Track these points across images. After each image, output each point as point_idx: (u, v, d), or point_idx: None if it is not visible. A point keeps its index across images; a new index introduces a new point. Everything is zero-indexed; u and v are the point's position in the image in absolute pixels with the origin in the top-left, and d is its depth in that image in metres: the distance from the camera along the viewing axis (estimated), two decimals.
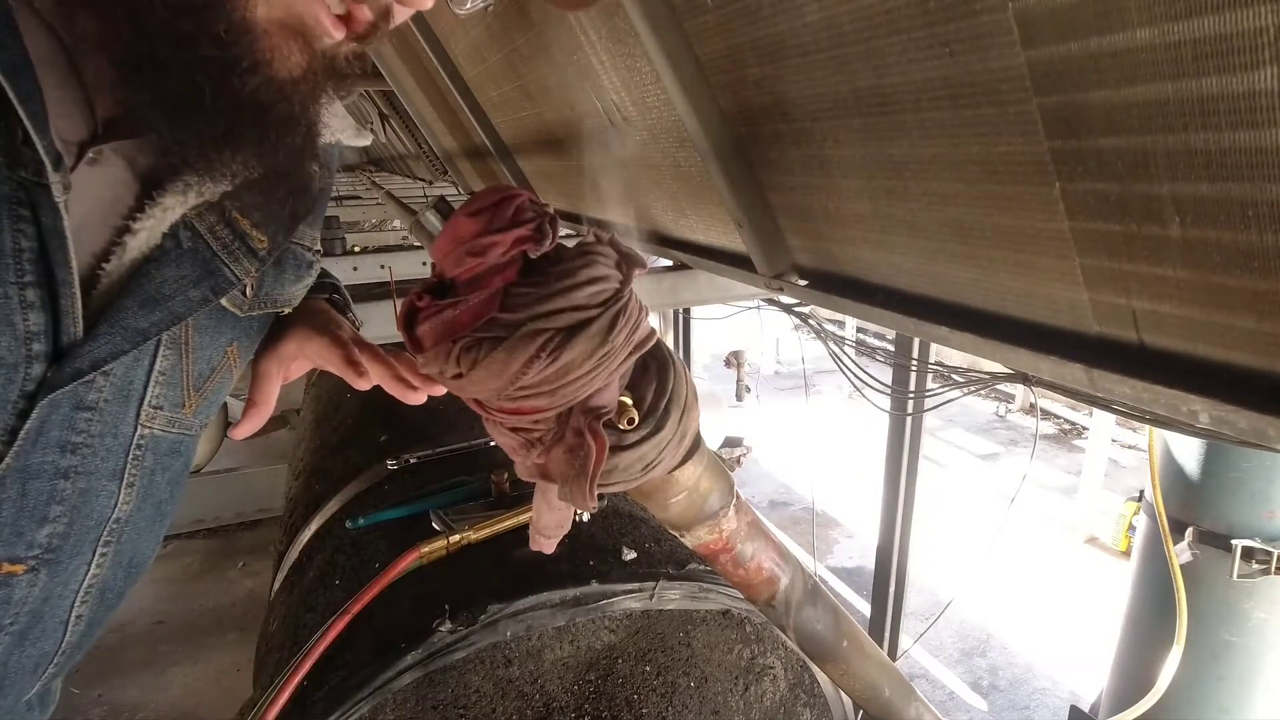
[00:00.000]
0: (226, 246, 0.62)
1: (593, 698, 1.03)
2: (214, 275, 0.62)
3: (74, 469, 0.58)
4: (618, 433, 0.55)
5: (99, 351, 0.55)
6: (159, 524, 0.71)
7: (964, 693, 3.85)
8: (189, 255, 0.60)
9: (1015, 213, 0.67)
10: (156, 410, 0.63)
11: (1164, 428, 1.84)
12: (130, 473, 0.63)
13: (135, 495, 0.64)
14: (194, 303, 0.60)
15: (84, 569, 0.63)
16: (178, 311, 0.59)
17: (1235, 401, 0.53)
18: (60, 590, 0.62)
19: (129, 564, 0.69)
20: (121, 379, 0.59)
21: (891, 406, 2.79)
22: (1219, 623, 1.89)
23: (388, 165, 8.91)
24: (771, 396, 8.04)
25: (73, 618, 0.64)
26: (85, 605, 0.65)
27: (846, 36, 0.72)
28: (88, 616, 0.66)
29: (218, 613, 3.75)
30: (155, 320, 0.58)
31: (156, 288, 0.58)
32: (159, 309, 0.58)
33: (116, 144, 0.55)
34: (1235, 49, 0.42)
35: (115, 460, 0.61)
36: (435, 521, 1.25)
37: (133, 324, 0.56)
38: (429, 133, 3.42)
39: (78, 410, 0.56)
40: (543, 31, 1.40)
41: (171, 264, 0.59)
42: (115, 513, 0.63)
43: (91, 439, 0.58)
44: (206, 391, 0.68)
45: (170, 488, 0.70)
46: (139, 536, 0.68)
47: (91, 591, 0.65)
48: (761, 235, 1.15)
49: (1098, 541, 5.31)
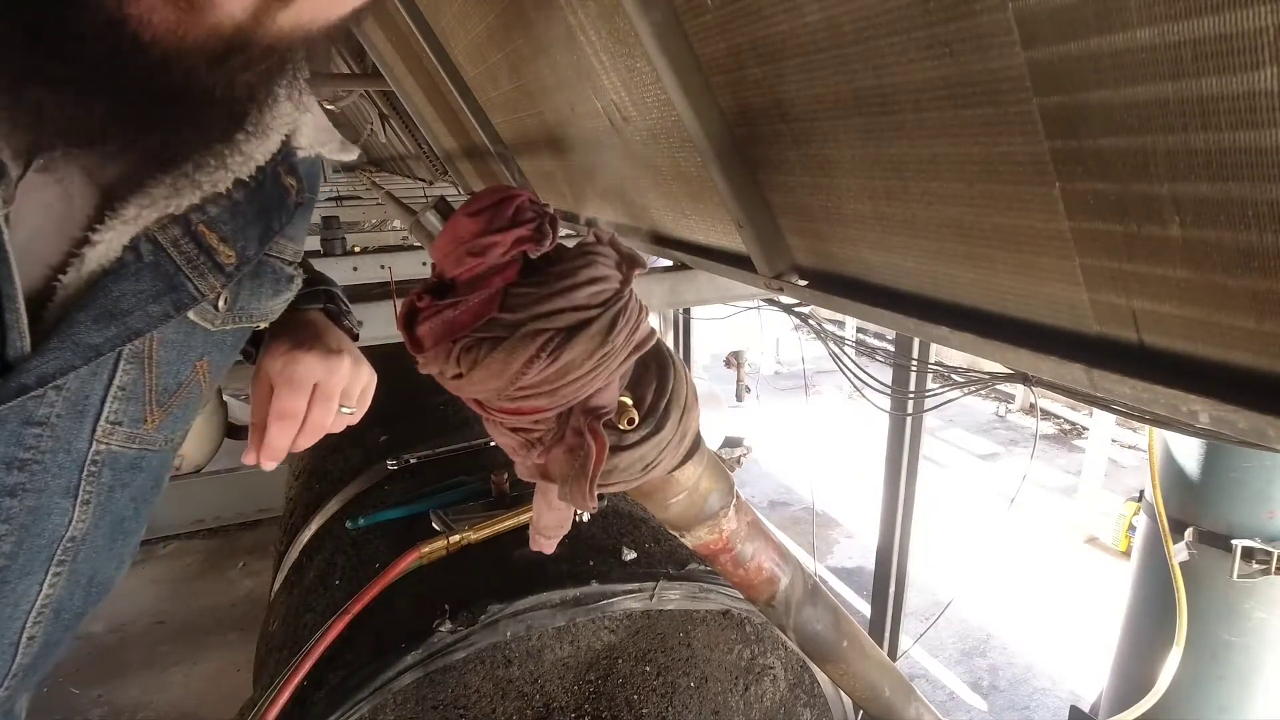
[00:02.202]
0: (191, 261, 0.60)
1: (593, 698, 1.03)
2: (176, 290, 0.59)
3: (21, 486, 0.55)
4: (618, 433, 0.55)
5: (46, 367, 0.52)
6: (121, 542, 0.68)
7: (964, 693, 3.85)
8: (149, 269, 0.57)
9: (1015, 213, 0.67)
10: (114, 425, 0.60)
11: (1164, 428, 1.84)
12: (85, 490, 0.60)
13: (91, 513, 0.61)
14: (153, 318, 0.58)
15: (35, 589, 0.60)
16: (135, 327, 0.57)
17: (1235, 401, 0.53)
18: (10, 611, 0.59)
19: (89, 583, 0.66)
20: (76, 393, 0.56)
21: (891, 406, 2.79)
22: (1219, 623, 1.89)
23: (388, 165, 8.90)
24: (771, 396, 8.04)
25: (23, 639, 0.61)
26: (38, 626, 0.62)
27: (846, 36, 0.72)
28: (41, 638, 0.63)
29: (218, 613, 3.75)
30: (110, 335, 0.55)
31: (113, 302, 0.55)
32: (115, 323, 0.55)
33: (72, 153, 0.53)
34: (1235, 49, 0.42)
35: (68, 477, 0.58)
36: (435, 522, 1.25)
37: (85, 339, 0.54)
38: (429, 133, 3.42)
39: (26, 425, 0.54)
40: (543, 32, 1.40)
41: (130, 278, 0.56)
42: (70, 531, 0.60)
43: (41, 455, 0.56)
44: (171, 406, 0.65)
45: (134, 504, 0.67)
46: (97, 555, 0.65)
47: (45, 612, 0.62)
48: (761, 235, 1.15)
49: (1098, 541, 5.30)
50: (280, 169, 0.69)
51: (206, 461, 4.10)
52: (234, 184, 0.62)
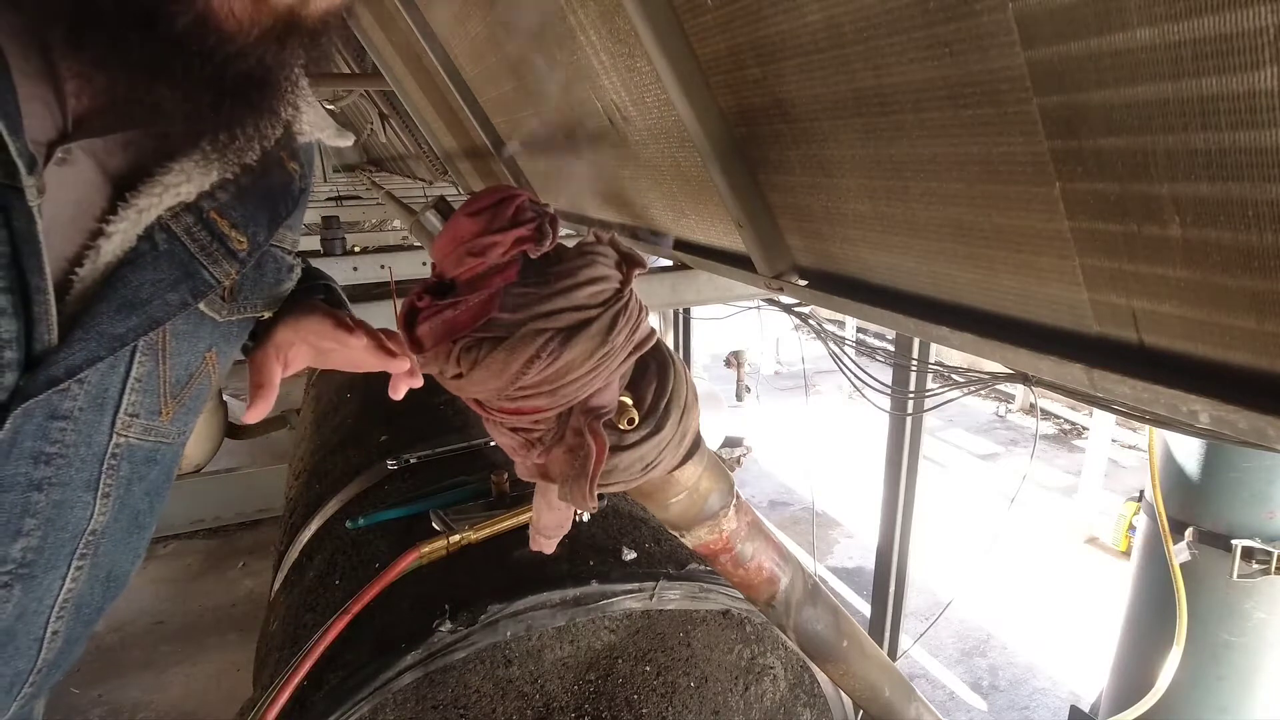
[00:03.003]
0: (205, 248, 0.60)
1: (593, 698, 1.03)
2: (192, 278, 0.60)
3: (48, 480, 0.56)
4: (618, 433, 0.55)
5: (74, 359, 0.53)
6: (137, 536, 0.69)
7: (964, 693, 3.85)
8: (166, 258, 0.58)
9: (1015, 212, 0.67)
10: (132, 418, 0.61)
11: (1164, 428, 1.84)
12: (105, 483, 0.61)
13: (111, 506, 0.62)
14: (173, 306, 0.59)
15: (59, 583, 0.61)
16: (156, 316, 0.58)
17: (1235, 401, 0.53)
18: (35, 606, 0.60)
19: (107, 578, 0.67)
20: (97, 386, 0.57)
21: (891, 406, 2.79)
22: (1219, 623, 1.89)
23: (388, 165, 8.91)
24: (771, 396, 8.04)
25: (48, 634, 0.62)
26: (61, 621, 0.63)
27: (846, 36, 0.72)
28: (64, 633, 0.64)
29: (218, 613, 3.74)
30: (133, 325, 0.56)
31: (133, 292, 0.56)
32: (136, 313, 0.56)
33: (86, 143, 0.53)
34: (1235, 49, 0.42)
35: (90, 470, 0.59)
36: (435, 521, 1.25)
37: (109, 329, 0.55)
38: (429, 133, 3.42)
39: (52, 420, 0.54)
40: (543, 31, 1.40)
41: (148, 267, 0.57)
42: (91, 524, 0.61)
43: (66, 449, 0.56)
44: (184, 398, 0.66)
45: (148, 498, 0.68)
46: (116, 549, 0.66)
47: (68, 606, 0.63)
48: (761, 235, 1.15)
49: (1098, 541, 5.30)
50: (283, 154, 0.70)
51: (206, 461, 4.10)
52: (241, 170, 0.62)
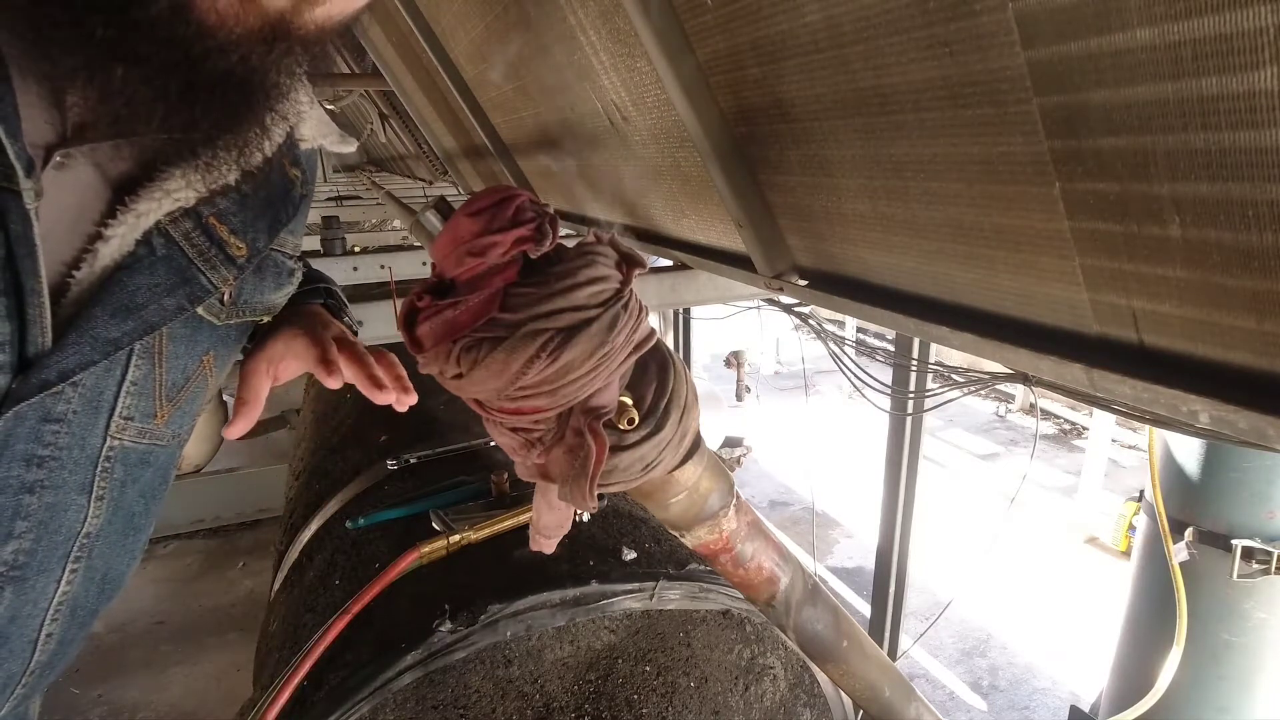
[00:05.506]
0: (203, 254, 0.61)
1: (593, 698, 1.03)
2: (189, 283, 0.60)
3: (40, 483, 0.56)
4: (618, 433, 0.55)
5: (67, 362, 0.53)
6: (132, 538, 0.68)
7: (964, 693, 3.85)
8: (163, 263, 0.58)
9: (1015, 212, 0.67)
10: (127, 421, 0.61)
11: (1164, 428, 1.84)
12: (99, 486, 0.61)
13: (105, 509, 0.62)
14: (168, 311, 0.59)
15: (53, 586, 0.61)
16: (151, 321, 0.58)
17: (1235, 401, 0.53)
18: (29, 609, 0.60)
19: (102, 580, 0.67)
20: (91, 390, 0.57)
21: (891, 406, 2.79)
22: (1219, 623, 1.89)
23: (388, 165, 8.91)
24: (771, 396, 8.04)
25: (42, 636, 0.62)
26: (56, 623, 0.63)
27: (846, 36, 0.72)
28: (59, 635, 0.64)
29: (218, 613, 3.74)
30: (127, 330, 0.56)
31: (129, 296, 0.56)
32: (131, 318, 0.56)
33: (87, 147, 0.53)
34: (1235, 49, 0.42)
35: (83, 473, 0.59)
36: (435, 521, 1.25)
37: (103, 334, 0.55)
38: (429, 133, 3.42)
39: (45, 422, 0.54)
40: (543, 31, 1.40)
41: (145, 272, 0.57)
42: (85, 527, 0.61)
43: (59, 452, 0.56)
44: (180, 401, 0.66)
45: (144, 501, 0.67)
46: (111, 551, 0.66)
47: (62, 609, 0.63)
48: (761, 235, 1.15)
49: (1098, 541, 5.30)
50: (285, 160, 0.70)
51: (206, 461, 4.11)
52: (242, 175, 0.62)
